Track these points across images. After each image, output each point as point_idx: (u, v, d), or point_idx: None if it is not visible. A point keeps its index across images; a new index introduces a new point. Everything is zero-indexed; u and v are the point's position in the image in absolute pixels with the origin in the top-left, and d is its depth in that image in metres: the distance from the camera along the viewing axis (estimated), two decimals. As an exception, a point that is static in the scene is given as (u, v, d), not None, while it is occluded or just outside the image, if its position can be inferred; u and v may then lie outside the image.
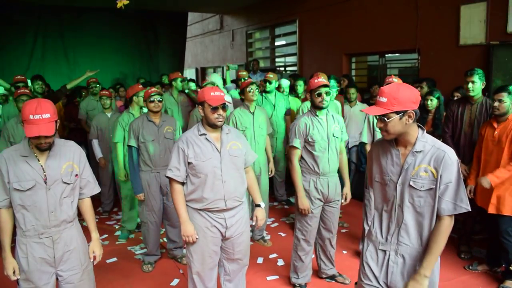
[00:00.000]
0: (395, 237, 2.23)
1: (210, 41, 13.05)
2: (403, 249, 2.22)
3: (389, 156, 2.25)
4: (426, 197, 2.14)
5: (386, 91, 2.11)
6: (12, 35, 9.53)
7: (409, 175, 2.16)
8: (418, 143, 2.16)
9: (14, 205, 2.48)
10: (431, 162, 2.12)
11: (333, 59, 7.94)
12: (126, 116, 4.74)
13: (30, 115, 2.34)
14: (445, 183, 2.09)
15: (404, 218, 2.20)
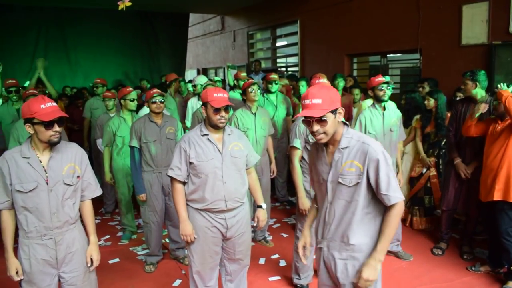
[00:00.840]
0: (327, 233, 2.29)
1: (211, 42, 13.06)
2: (334, 246, 2.28)
3: (320, 155, 2.31)
4: (355, 192, 2.17)
5: (317, 93, 2.12)
6: (14, 37, 9.55)
7: (337, 172, 2.20)
8: (343, 139, 2.20)
9: (17, 207, 2.48)
10: (357, 157, 2.16)
11: (335, 59, 7.93)
12: (116, 119, 4.78)
13: (41, 105, 2.38)
14: (374, 176, 2.12)
15: (335, 214, 2.25)
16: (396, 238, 4.33)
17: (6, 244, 2.52)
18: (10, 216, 2.52)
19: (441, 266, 4.14)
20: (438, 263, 4.21)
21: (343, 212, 2.22)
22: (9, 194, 2.47)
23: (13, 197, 2.46)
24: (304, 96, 2.13)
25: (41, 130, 2.39)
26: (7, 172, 2.44)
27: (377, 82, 4.00)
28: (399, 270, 4.12)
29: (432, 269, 4.11)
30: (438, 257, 4.34)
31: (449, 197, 4.36)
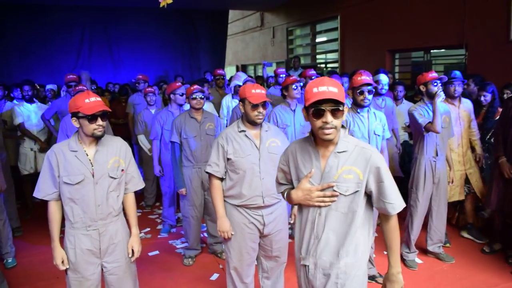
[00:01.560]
0: (314, 249, 2.02)
1: (250, 38, 13.10)
2: (323, 263, 2.02)
3: (308, 158, 2.03)
4: (353, 202, 1.95)
5: (331, 82, 1.90)
6: (60, 35, 9.93)
7: (331, 179, 1.96)
8: (341, 143, 1.97)
9: (63, 198, 2.58)
10: (357, 163, 1.94)
11: (376, 55, 7.79)
12: (164, 113, 4.86)
13: (85, 99, 2.47)
14: (375, 184, 1.95)
15: (325, 227, 1.99)
16: (438, 239, 4.22)
17: (52, 234, 2.62)
18: (57, 207, 2.63)
19: (484, 270, 4.00)
20: (481, 267, 4.06)
21: (337, 224, 1.98)
22: (57, 186, 2.57)
23: (61, 189, 2.56)
24: (318, 83, 1.88)
25: (85, 124, 2.48)
26: (55, 165, 2.54)
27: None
28: (440, 273, 4.01)
29: (475, 273, 3.97)
30: (481, 261, 4.19)
31: (492, 197, 4.20)
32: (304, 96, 1.93)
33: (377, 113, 3.60)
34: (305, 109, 1.95)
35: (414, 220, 4.09)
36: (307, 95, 1.90)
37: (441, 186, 4.12)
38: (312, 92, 1.87)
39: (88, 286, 2.66)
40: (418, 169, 4.05)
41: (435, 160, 4.02)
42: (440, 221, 4.21)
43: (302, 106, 4.56)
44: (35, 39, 9.70)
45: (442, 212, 4.19)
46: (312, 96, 1.87)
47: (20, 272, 4.23)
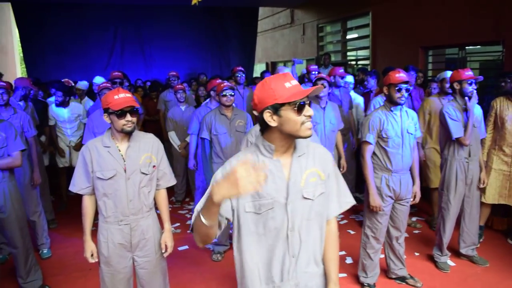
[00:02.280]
0: (293, 269, 1.77)
1: (280, 35, 13.06)
2: (306, 278, 1.81)
3: (270, 171, 1.73)
4: (318, 205, 1.78)
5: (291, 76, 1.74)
6: (93, 34, 10.15)
7: (298, 187, 1.75)
8: (300, 145, 1.79)
9: (97, 193, 2.65)
10: (316, 164, 1.80)
11: (409, 52, 7.63)
12: (203, 109, 4.90)
13: (115, 95, 2.53)
14: (332, 182, 1.84)
15: (301, 242, 1.76)
16: (471, 242, 4.12)
17: (85, 227, 2.70)
18: (91, 202, 2.70)
19: (520, 274, 3.89)
20: (517, 270, 3.95)
21: (310, 233, 1.78)
22: (90, 180, 2.64)
23: (94, 183, 2.63)
24: (287, 79, 1.68)
25: (115, 119, 2.54)
26: (89, 160, 2.61)
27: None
28: (473, 277, 3.91)
29: (510, 277, 3.86)
30: (517, 264, 4.07)
31: None
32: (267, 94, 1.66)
33: (409, 112, 3.54)
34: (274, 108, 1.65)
35: (446, 222, 4.01)
36: (279, 92, 1.64)
37: (474, 188, 4.03)
38: (285, 87, 1.65)
39: (120, 279, 2.72)
40: (449, 170, 3.97)
41: (467, 161, 3.93)
42: (473, 223, 4.11)
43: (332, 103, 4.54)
44: (70, 37, 9.95)
45: (474, 214, 4.10)
46: (289, 91, 1.64)
47: (55, 263, 4.37)
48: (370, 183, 3.47)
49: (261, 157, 1.74)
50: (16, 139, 3.51)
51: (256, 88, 1.72)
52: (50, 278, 3.98)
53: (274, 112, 1.65)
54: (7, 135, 3.45)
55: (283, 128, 1.67)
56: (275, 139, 1.72)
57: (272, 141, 1.72)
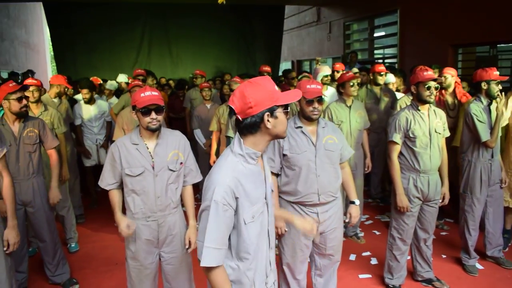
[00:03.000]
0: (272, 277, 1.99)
1: (306, 34, 12.98)
2: None
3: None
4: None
5: None
6: (121, 32, 10.32)
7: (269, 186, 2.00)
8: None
9: (126, 189, 2.69)
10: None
11: (437, 50, 7.47)
12: (222, 107, 4.93)
13: (141, 93, 2.56)
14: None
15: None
16: (496, 243, 4.03)
17: (115, 209, 2.69)
18: (118, 193, 2.75)
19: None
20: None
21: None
22: (117, 177, 2.69)
23: (123, 180, 2.67)
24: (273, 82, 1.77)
25: (140, 117, 2.58)
26: (118, 157, 2.65)
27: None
28: (502, 281, 3.81)
29: (543, 281, 3.75)
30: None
31: None
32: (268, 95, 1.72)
33: (437, 111, 3.47)
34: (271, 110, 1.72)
35: (471, 225, 3.93)
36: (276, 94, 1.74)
37: (497, 189, 3.95)
38: (278, 90, 1.80)
39: (147, 274, 2.76)
40: (473, 172, 3.88)
41: (490, 162, 3.84)
42: (498, 224, 4.04)
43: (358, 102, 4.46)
44: (99, 36, 10.14)
45: (498, 214, 4.03)
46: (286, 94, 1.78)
47: (82, 257, 4.46)
48: (397, 183, 3.41)
49: (246, 166, 1.78)
50: (50, 136, 3.67)
51: (245, 91, 1.71)
52: (77, 272, 4.07)
53: (271, 114, 1.71)
54: (39, 131, 3.58)
55: (275, 129, 1.74)
56: (260, 142, 1.77)
57: (255, 145, 1.77)
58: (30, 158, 3.52)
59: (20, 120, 3.48)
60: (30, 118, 3.59)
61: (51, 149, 3.70)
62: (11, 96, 3.32)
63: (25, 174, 3.52)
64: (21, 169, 3.48)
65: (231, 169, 1.75)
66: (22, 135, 3.48)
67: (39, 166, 3.64)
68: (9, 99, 3.33)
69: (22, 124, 3.49)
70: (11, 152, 3.43)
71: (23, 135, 3.48)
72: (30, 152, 3.52)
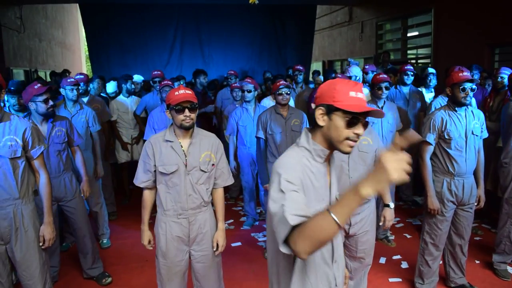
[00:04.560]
0: None
1: (338, 34, 12.86)
2: None
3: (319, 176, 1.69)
4: None
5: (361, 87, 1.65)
6: (154, 33, 10.47)
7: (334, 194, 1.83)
8: None
9: (159, 187, 2.73)
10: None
11: (473, 50, 7.27)
12: (239, 110, 5.02)
13: (175, 92, 2.61)
14: None
15: None
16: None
17: (143, 218, 2.84)
18: (150, 195, 2.81)
19: None
20: None
21: None
22: (150, 174, 2.73)
23: (157, 177, 2.72)
24: (355, 87, 1.59)
25: (174, 115, 2.62)
26: (151, 154, 2.69)
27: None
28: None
29: None
30: None
31: None
32: (329, 93, 1.60)
33: (475, 112, 3.37)
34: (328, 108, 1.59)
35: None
36: (340, 96, 1.57)
37: None
38: (349, 95, 1.57)
39: (176, 271, 2.79)
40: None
41: None
42: None
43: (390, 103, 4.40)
44: (133, 36, 10.32)
45: None
46: (350, 100, 1.56)
47: (114, 253, 4.56)
48: (429, 185, 3.33)
49: (313, 163, 1.65)
50: (75, 135, 3.82)
51: (324, 83, 1.67)
52: (109, 267, 4.16)
53: (326, 112, 1.59)
54: (67, 129, 3.72)
55: (328, 131, 1.60)
56: (320, 142, 1.65)
57: (323, 142, 1.65)
58: (60, 157, 3.67)
59: (47, 121, 3.60)
60: (57, 118, 3.72)
61: (75, 146, 3.85)
62: (37, 98, 3.42)
63: (56, 171, 3.65)
64: (52, 167, 3.60)
65: (296, 162, 1.61)
66: (51, 135, 3.60)
67: (69, 163, 3.78)
68: (35, 101, 3.43)
69: (50, 124, 3.61)
70: None
71: (52, 134, 3.60)
72: (59, 150, 3.66)
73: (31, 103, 3.45)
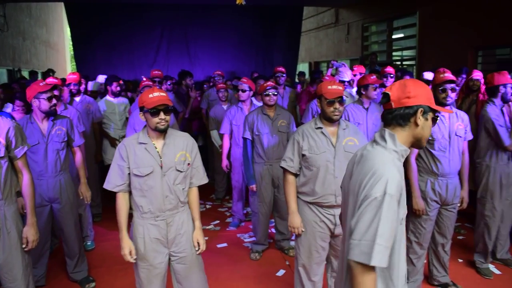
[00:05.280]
0: None
1: (324, 35, 12.93)
2: None
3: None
4: None
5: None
6: (141, 32, 10.40)
7: None
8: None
9: (134, 190, 2.68)
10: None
11: (457, 52, 7.37)
12: (234, 109, 4.97)
13: (149, 94, 2.57)
14: None
15: None
16: (507, 245, 4.07)
17: (120, 225, 2.71)
18: (125, 199, 2.73)
19: None
20: None
21: None
22: (125, 178, 2.67)
23: (131, 180, 2.67)
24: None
25: (149, 118, 2.58)
26: (125, 157, 2.65)
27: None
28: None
29: None
30: None
31: None
32: (426, 94, 1.76)
33: (459, 113, 3.42)
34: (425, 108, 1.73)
35: (492, 229, 3.92)
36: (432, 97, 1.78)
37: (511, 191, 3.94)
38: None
39: (156, 274, 2.75)
40: (493, 177, 3.86)
41: (508, 166, 3.84)
42: (508, 225, 4.07)
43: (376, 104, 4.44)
44: (119, 36, 10.24)
45: (510, 216, 4.03)
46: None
47: (98, 255, 4.52)
48: (415, 186, 3.37)
49: (399, 164, 1.69)
50: (77, 135, 3.78)
51: (407, 83, 1.74)
52: (93, 270, 4.11)
53: (423, 113, 1.70)
54: (67, 129, 3.68)
55: (422, 131, 1.71)
56: (404, 143, 1.72)
57: (405, 142, 1.73)
58: (58, 156, 3.61)
59: (48, 118, 3.55)
60: (58, 117, 3.67)
61: (76, 147, 3.79)
62: (41, 95, 3.38)
63: (53, 171, 3.59)
64: (49, 166, 3.56)
65: (394, 164, 1.65)
66: (51, 133, 3.55)
67: (66, 163, 3.72)
68: (39, 98, 3.39)
69: (51, 123, 3.56)
70: (39, 150, 3.52)
71: (52, 133, 3.55)
72: (58, 149, 3.60)
73: (34, 100, 3.40)
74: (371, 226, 1.51)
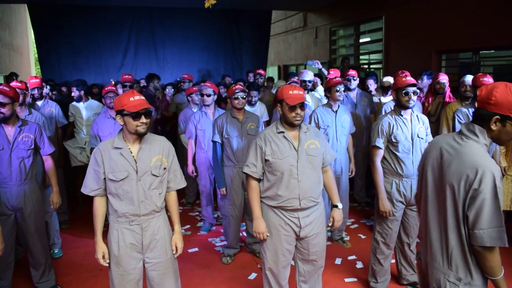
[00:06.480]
0: None
1: (293, 39, 13.06)
2: None
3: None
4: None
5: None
6: (108, 35, 10.27)
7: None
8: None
9: (109, 194, 2.66)
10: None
11: (422, 56, 7.58)
12: (198, 113, 4.96)
13: (130, 97, 2.54)
14: None
15: None
16: None
17: (96, 229, 2.70)
18: (101, 203, 2.71)
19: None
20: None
21: None
22: (100, 183, 2.64)
23: (107, 185, 2.64)
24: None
25: (129, 121, 2.55)
26: (100, 162, 2.62)
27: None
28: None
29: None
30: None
31: None
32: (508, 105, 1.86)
33: (420, 116, 3.51)
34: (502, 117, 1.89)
35: None
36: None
37: None
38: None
39: (130, 280, 2.72)
40: None
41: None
42: None
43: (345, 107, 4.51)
44: (85, 38, 10.07)
45: None
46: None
47: (66, 263, 4.41)
48: (380, 188, 3.44)
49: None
50: (46, 142, 3.66)
51: (498, 87, 1.87)
52: (61, 278, 4.02)
53: (500, 121, 1.88)
54: (35, 136, 3.56)
55: (498, 134, 1.91)
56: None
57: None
58: (23, 164, 3.49)
59: (15, 124, 3.44)
60: (26, 123, 3.56)
61: (47, 155, 3.68)
62: None
63: (17, 179, 3.48)
64: (13, 174, 3.44)
65: (489, 157, 1.90)
66: (17, 140, 3.44)
67: (32, 172, 3.60)
68: None
69: (17, 129, 3.45)
70: (3, 156, 3.40)
71: (18, 139, 3.44)
72: (23, 157, 3.48)
73: None
74: (493, 215, 1.80)
